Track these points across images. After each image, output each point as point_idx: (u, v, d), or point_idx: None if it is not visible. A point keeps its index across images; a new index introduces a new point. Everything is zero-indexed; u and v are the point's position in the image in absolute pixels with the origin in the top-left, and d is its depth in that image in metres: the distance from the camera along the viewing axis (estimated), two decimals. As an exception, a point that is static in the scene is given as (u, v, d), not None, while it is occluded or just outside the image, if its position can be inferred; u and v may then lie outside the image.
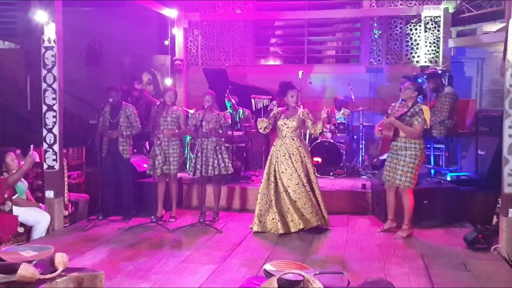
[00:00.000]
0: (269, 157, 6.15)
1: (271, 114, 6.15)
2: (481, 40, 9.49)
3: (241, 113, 8.63)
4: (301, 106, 6.27)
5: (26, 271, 2.99)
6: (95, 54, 11.92)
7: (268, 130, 6.16)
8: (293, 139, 6.02)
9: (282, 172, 5.94)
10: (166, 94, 6.68)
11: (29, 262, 3.14)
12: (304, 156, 6.01)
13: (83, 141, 7.43)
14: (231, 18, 10.82)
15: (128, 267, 4.68)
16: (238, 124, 8.48)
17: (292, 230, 5.83)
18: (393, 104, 6.03)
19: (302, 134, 6.58)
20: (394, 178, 5.68)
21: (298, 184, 5.89)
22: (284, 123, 6.03)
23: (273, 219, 5.92)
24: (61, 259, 3.22)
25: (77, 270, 3.30)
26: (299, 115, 6.01)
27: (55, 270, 3.16)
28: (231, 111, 8.28)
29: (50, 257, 3.25)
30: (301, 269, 3.37)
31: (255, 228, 6.03)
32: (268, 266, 3.49)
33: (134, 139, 7.09)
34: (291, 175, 5.91)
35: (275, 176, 6.00)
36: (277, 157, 6.00)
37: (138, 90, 9.30)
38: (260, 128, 6.13)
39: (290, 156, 5.94)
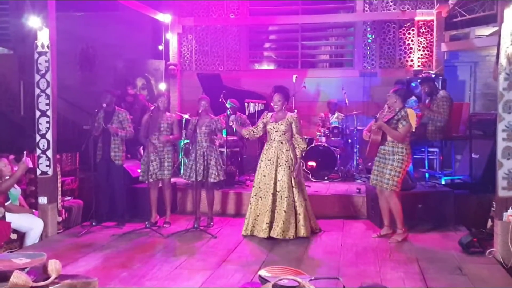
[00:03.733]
0: (259, 161, 6.15)
1: (260, 121, 6.15)
2: (474, 44, 9.55)
3: (238, 119, 8.63)
4: (296, 111, 6.26)
5: (18, 278, 2.96)
6: (89, 59, 11.89)
7: (257, 136, 6.21)
8: (281, 143, 5.98)
9: (264, 176, 5.94)
10: (159, 100, 6.66)
11: (22, 269, 3.10)
12: (291, 160, 5.95)
13: (77, 146, 7.39)
14: (225, 23, 10.84)
15: (122, 274, 4.64)
16: (234, 129, 8.47)
17: (274, 236, 5.79)
18: (383, 109, 6.04)
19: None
20: (382, 182, 5.70)
21: (280, 191, 5.86)
22: (273, 127, 6.01)
23: (256, 221, 5.95)
24: (54, 266, 3.19)
25: (70, 277, 3.27)
26: (287, 119, 5.99)
27: (48, 277, 3.13)
28: (230, 113, 8.29)
29: (43, 264, 3.22)
30: (296, 274, 3.36)
31: (243, 232, 6.03)
32: (263, 272, 3.47)
33: (127, 145, 7.06)
34: (270, 180, 5.90)
35: (261, 180, 6.00)
36: (262, 160, 6.03)
37: (132, 95, 9.27)
38: (246, 135, 6.23)
39: (276, 160, 5.91)
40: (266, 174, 5.94)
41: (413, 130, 5.77)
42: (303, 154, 6.25)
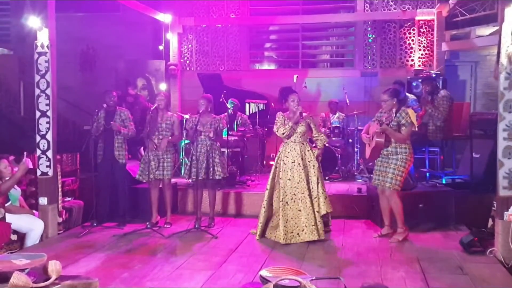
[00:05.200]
0: (274, 163, 6.04)
1: (283, 120, 5.95)
2: (475, 44, 9.53)
3: (239, 119, 8.66)
4: (308, 113, 6.21)
5: (18, 279, 2.96)
6: (89, 60, 11.90)
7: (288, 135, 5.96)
8: (303, 144, 5.93)
9: (289, 180, 5.82)
10: (156, 99, 6.65)
11: (22, 270, 3.11)
12: (313, 161, 5.90)
13: (77, 147, 7.39)
14: (225, 22, 10.84)
15: (123, 274, 4.64)
16: (235, 128, 8.49)
17: (292, 241, 5.70)
18: (380, 111, 6.00)
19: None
20: (384, 181, 5.69)
21: (304, 193, 5.75)
22: (293, 128, 5.96)
23: (273, 226, 5.89)
24: (54, 267, 3.19)
25: (71, 278, 3.27)
26: (305, 120, 5.96)
27: (48, 278, 3.13)
28: (231, 112, 8.30)
29: (43, 265, 3.22)
30: (297, 274, 3.35)
31: (257, 237, 5.94)
32: (264, 272, 3.47)
33: (128, 145, 7.06)
34: (298, 183, 5.78)
35: (279, 183, 5.88)
36: (285, 163, 5.87)
37: (133, 95, 9.27)
38: (282, 134, 5.90)
39: (299, 163, 5.81)
40: (292, 177, 5.81)
41: (416, 129, 5.76)
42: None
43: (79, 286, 3.20)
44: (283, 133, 5.88)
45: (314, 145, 6.25)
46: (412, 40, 10.08)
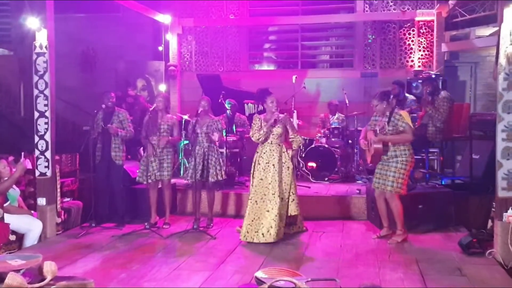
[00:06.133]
0: (252, 164, 6.06)
1: (260, 124, 5.98)
2: (474, 44, 9.52)
3: (237, 120, 8.65)
4: (295, 112, 6.23)
5: (13, 280, 2.95)
6: (90, 61, 11.88)
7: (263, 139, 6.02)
8: (279, 145, 5.96)
9: (261, 179, 5.89)
10: (156, 100, 6.66)
11: (17, 271, 3.09)
12: (287, 162, 5.94)
13: (76, 147, 7.39)
14: (225, 23, 10.83)
15: (121, 275, 4.63)
16: (234, 128, 8.47)
17: (254, 240, 5.74)
18: (374, 115, 5.99)
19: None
20: (385, 185, 5.68)
21: (274, 193, 5.80)
22: (270, 130, 5.97)
23: (251, 226, 5.85)
24: (49, 267, 3.17)
25: (66, 279, 3.26)
26: (281, 122, 5.96)
27: (43, 279, 3.12)
28: (229, 113, 8.28)
29: (39, 266, 3.21)
30: (293, 276, 3.34)
31: (242, 237, 5.91)
32: (259, 274, 3.46)
33: (127, 145, 7.05)
34: (270, 183, 5.84)
35: (252, 183, 5.97)
36: (259, 163, 5.93)
37: (133, 96, 9.27)
38: (257, 139, 5.97)
39: (273, 164, 5.86)
40: (265, 177, 5.88)
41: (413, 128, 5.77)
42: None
43: (74, 286, 3.19)
44: (258, 139, 5.97)
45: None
46: (412, 41, 10.07)
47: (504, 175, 5.04)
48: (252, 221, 5.82)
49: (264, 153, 5.96)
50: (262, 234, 5.74)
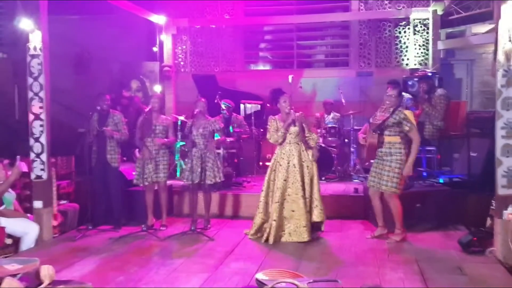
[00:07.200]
0: (270, 164, 6.02)
1: (276, 125, 5.92)
2: (470, 42, 9.52)
3: (234, 120, 8.61)
4: (301, 112, 6.20)
5: (10, 285, 2.90)
6: (84, 63, 11.79)
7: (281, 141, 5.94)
8: (297, 144, 5.92)
9: (284, 180, 5.82)
10: (151, 101, 6.61)
11: (14, 275, 3.04)
12: (307, 161, 5.90)
13: (72, 150, 7.33)
14: (220, 23, 10.79)
15: (119, 278, 4.59)
16: (231, 128, 8.43)
17: (282, 240, 5.78)
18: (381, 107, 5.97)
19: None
20: (380, 184, 5.66)
21: (297, 194, 5.78)
22: (286, 131, 5.91)
23: (267, 228, 5.85)
24: (47, 271, 3.13)
25: (64, 283, 3.22)
26: (298, 119, 5.90)
27: (40, 283, 3.08)
28: (225, 113, 8.24)
29: (36, 270, 3.16)
30: (294, 277, 3.31)
31: (250, 236, 5.97)
32: (260, 275, 3.42)
33: (123, 147, 7.00)
34: (293, 183, 5.80)
35: (275, 184, 5.87)
36: (281, 165, 5.86)
37: (127, 97, 9.21)
38: (276, 141, 5.90)
39: (294, 164, 5.81)
40: (288, 178, 5.83)
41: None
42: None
43: (72, 291, 3.15)
44: (276, 141, 5.90)
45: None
46: (407, 39, 10.05)
47: (504, 173, 5.01)
48: (280, 221, 5.79)
49: (284, 153, 5.90)
50: (289, 233, 5.80)
